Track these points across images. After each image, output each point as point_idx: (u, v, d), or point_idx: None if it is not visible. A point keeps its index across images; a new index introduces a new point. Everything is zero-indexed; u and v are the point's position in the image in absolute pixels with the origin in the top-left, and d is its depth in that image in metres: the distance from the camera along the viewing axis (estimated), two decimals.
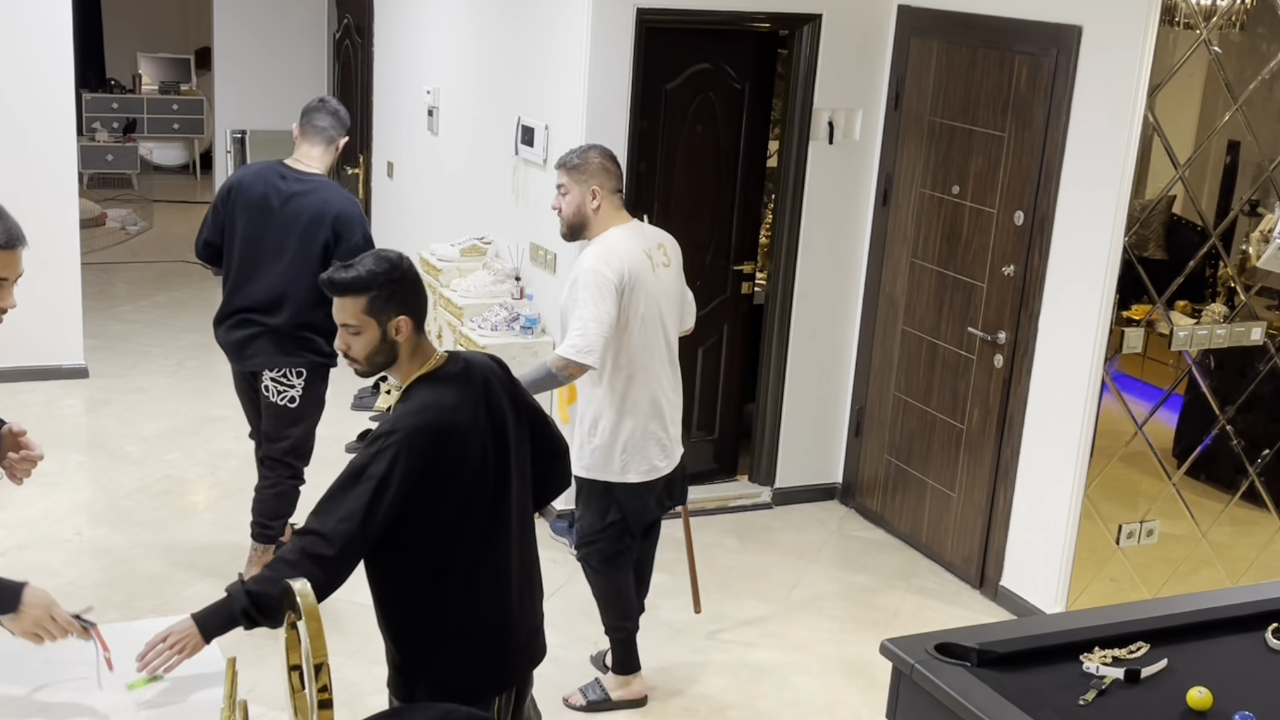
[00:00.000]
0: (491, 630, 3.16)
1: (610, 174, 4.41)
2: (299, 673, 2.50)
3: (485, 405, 3.11)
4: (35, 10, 7.02)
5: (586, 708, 4.71)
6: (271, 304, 4.98)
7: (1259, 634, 3.32)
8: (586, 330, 4.26)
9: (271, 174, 5.05)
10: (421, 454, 2.96)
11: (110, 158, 11.95)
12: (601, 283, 4.27)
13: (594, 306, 4.26)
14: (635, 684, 4.74)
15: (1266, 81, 5.05)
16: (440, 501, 3.02)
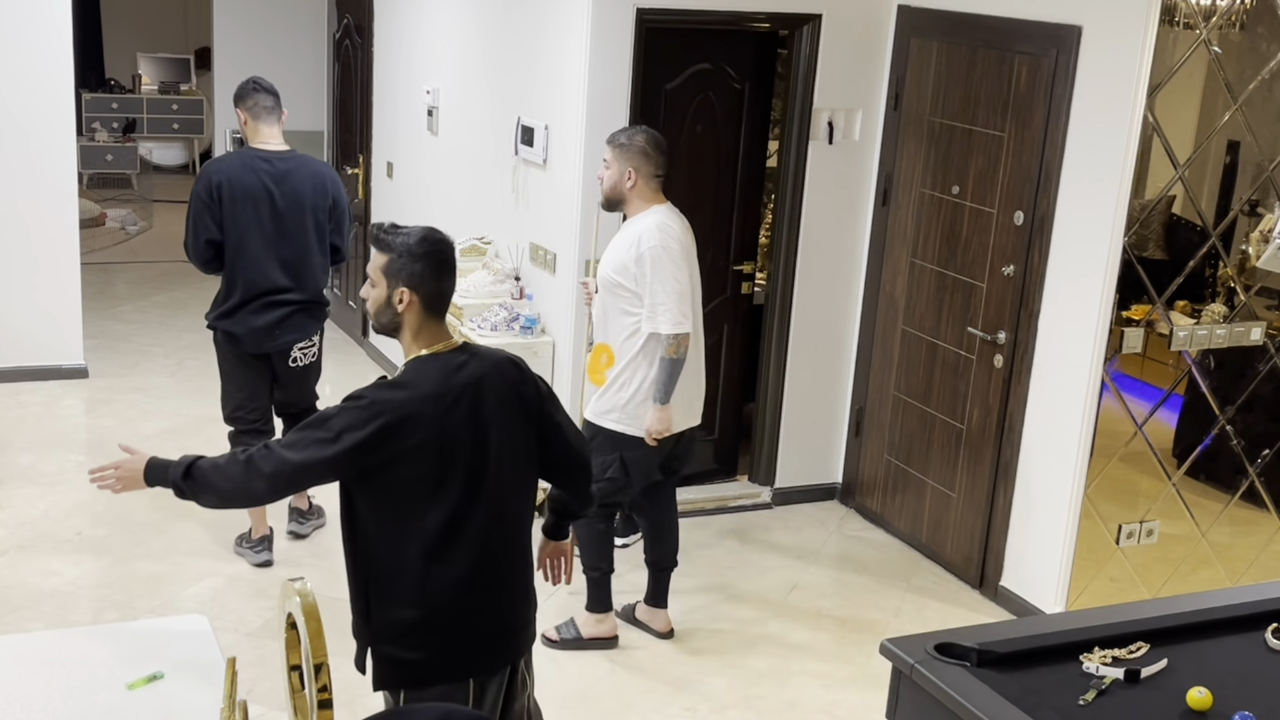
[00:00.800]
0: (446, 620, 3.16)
1: (650, 159, 4.74)
2: (299, 673, 2.50)
3: (470, 402, 3.12)
4: (35, 10, 7.02)
5: (560, 644, 5.00)
6: (295, 281, 5.27)
7: (1259, 634, 3.32)
8: (670, 303, 4.65)
9: (253, 161, 5.21)
10: (377, 428, 3.02)
11: (110, 158, 11.95)
12: (671, 257, 4.68)
13: (671, 280, 4.66)
14: (607, 623, 5.03)
15: (1266, 81, 5.05)
16: (393, 478, 3.06)
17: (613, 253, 4.78)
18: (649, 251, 4.65)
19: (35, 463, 6.34)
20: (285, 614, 2.51)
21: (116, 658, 3.05)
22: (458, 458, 3.11)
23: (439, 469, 3.09)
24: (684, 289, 4.69)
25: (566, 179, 5.80)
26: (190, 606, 5.05)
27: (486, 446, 3.15)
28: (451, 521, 3.12)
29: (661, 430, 4.74)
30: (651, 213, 4.75)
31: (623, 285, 4.72)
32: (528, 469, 3.30)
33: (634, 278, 4.68)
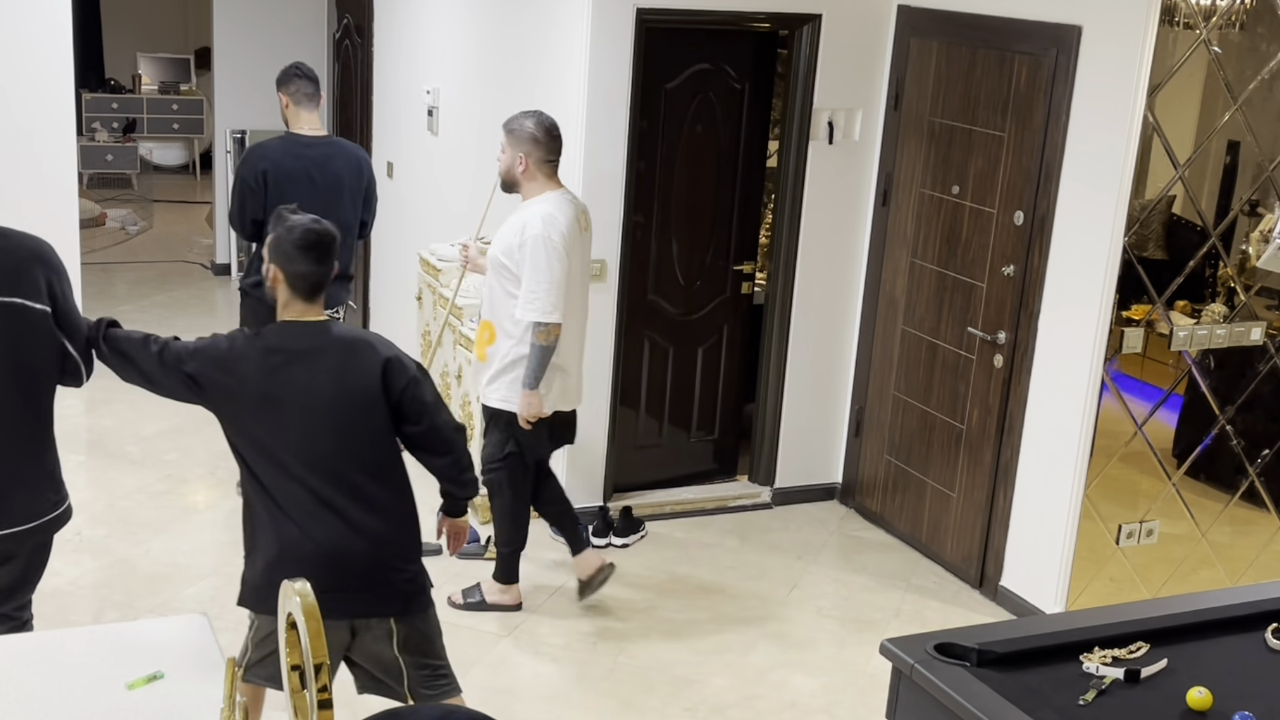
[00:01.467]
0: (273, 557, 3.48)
1: (540, 145, 4.87)
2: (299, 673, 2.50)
3: (305, 369, 3.46)
4: (35, 10, 7.01)
5: (464, 607, 5.23)
6: None
7: (1259, 634, 3.32)
8: (542, 292, 4.78)
9: (295, 147, 5.64)
10: (209, 360, 3.52)
11: (110, 158, 11.95)
12: (550, 247, 4.78)
13: (546, 270, 4.78)
14: (511, 593, 5.27)
15: (1266, 81, 5.05)
16: (221, 413, 3.52)
17: (502, 235, 4.92)
18: (530, 240, 4.78)
19: None
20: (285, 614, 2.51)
21: (116, 658, 3.04)
22: (283, 411, 3.45)
23: (268, 418, 3.45)
24: (559, 279, 4.79)
25: (566, 179, 5.78)
26: (190, 606, 5.05)
27: (314, 408, 3.45)
28: (280, 472, 3.47)
29: (532, 414, 4.92)
30: (541, 200, 4.88)
31: (507, 268, 4.87)
32: (363, 437, 3.51)
33: (516, 263, 4.84)
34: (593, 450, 6.03)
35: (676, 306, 6.22)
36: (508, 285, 4.89)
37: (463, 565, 5.58)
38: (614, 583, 5.54)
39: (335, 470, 3.48)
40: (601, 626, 5.22)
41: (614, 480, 6.15)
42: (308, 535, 3.46)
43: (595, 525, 5.87)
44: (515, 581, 5.29)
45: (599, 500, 6.08)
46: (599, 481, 6.08)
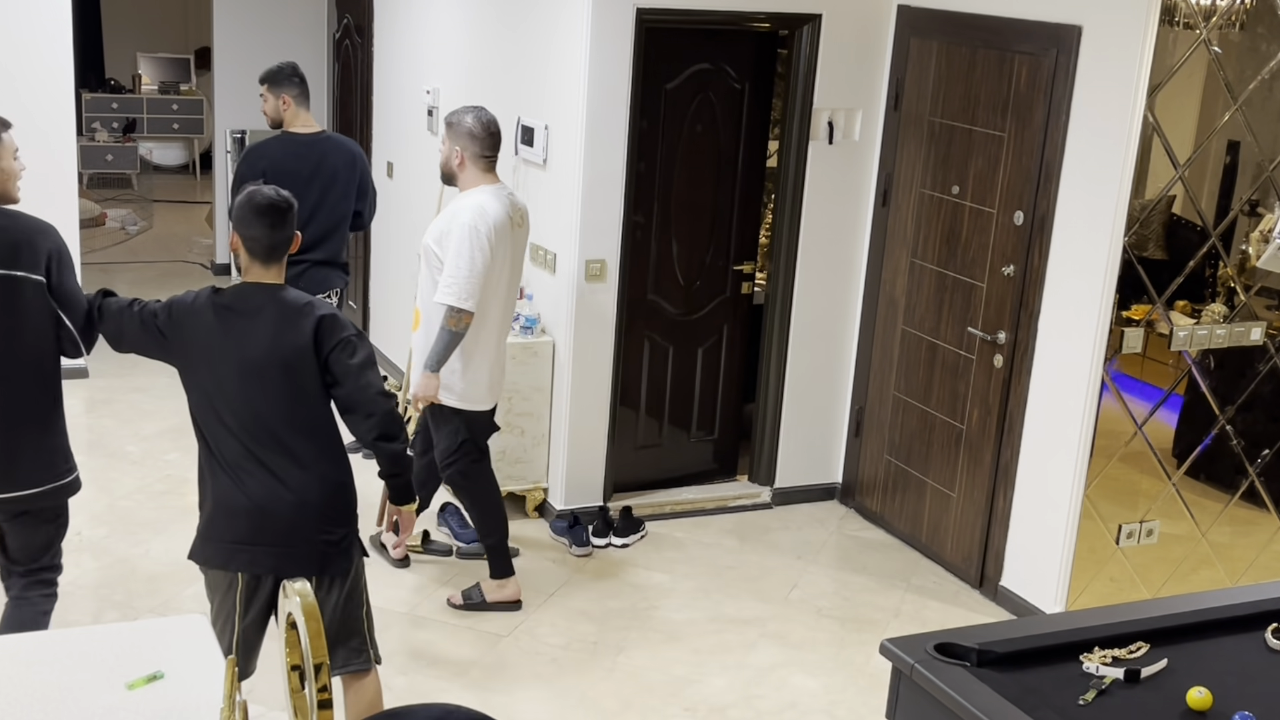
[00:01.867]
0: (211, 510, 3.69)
1: (477, 140, 5.00)
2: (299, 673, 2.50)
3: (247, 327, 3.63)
4: (35, 10, 7.02)
5: (464, 606, 5.25)
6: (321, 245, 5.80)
7: (1259, 634, 3.32)
8: (461, 279, 4.86)
9: (293, 146, 5.83)
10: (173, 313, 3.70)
11: (110, 158, 11.95)
12: (476, 237, 4.88)
13: (468, 259, 4.87)
14: (510, 587, 5.27)
15: (1266, 81, 5.05)
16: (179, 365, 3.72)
17: (435, 224, 5.08)
18: (459, 228, 4.89)
19: None
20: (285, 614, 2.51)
21: (116, 658, 3.04)
22: (220, 365, 3.63)
23: (203, 374, 3.65)
24: (479, 270, 4.87)
25: (566, 179, 5.80)
26: (190, 606, 5.04)
27: (250, 365, 3.61)
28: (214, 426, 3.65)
29: (426, 397, 5.00)
30: (476, 192, 5.01)
31: (436, 255, 4.98)
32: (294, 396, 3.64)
33: (444, 249, 4.95)
34: (593, 450, 6.03)
35: (676, 306, 6.22)
36: (436, 274, 4.98)
37: (463, 565, 5.58)
38: (614, 582, 5.55)
39: (268, 427, 3.62)
40: (601, 626, 5.22)
41: (614, 480, 6.15)
42: (240, 488, 3.63)
43: (595, 525, 5.87)
44: (511, 574, 5.28)
45: (599, 500, 6.08)
46: (599, 481, 6.08)
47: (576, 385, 5.92)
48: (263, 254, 3.68)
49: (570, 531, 5.83)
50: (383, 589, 5.37)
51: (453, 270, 4.87)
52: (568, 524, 5.86)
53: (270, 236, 3.67)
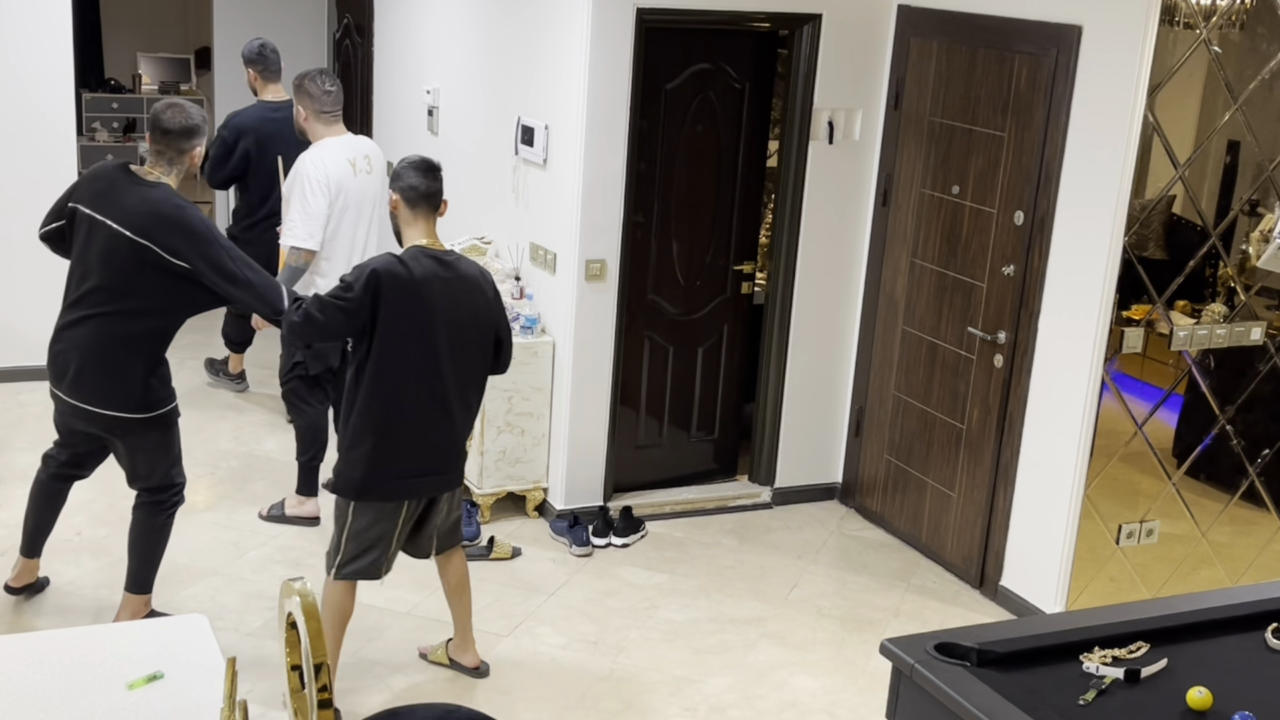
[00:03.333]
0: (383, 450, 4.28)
1: (312, 98, 5.63)
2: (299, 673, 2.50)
3: (451, 291, 4.26)
4: (35, 10, 7.02)
5: (267, 518, 5.86)
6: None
7: (1259, 634, 3.32)
8: (297, 220, 5.51)
9: (266, 112, 6.64)
10: (381, 284, 4.18)
11: (110, 158, 11.92)
12: (310, 183, 5.50)
13: (300, 202, 5.50)
14: (309, 504, 5.87)
15: (1266, 81, 5.05)
16: (380, 327, 4.19)
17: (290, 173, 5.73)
18: (296, 175, 5.54)
19: (35, 463, 6.31)
20: (285, 614, 2.51)
21: (116, 658, 3.04)
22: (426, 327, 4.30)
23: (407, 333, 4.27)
24: (315, 211, 5.49)
25: (566, 179, 5.80)
26: (190, 606, 5.05)
27: (454, 325, 4.33)
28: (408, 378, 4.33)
29: (260, 324, 5.87)
30: (321, 144, 5.62)
31: (286, 200, 5.65)
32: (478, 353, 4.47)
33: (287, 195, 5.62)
34: (593, 450, 6.04)
35: (676, 306, 6.22)
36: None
37: None
38: (614, 582, 5.55)
39: (458, 383, 4.31)
40: (601, 626, 5.22)
41: (614, 480, 6.15)
42: (425, 429, 4.28)
43: (595, 525, 5.87)
44: (315, 494, 5.87)
45: (599, 500, 6.08)
46: (599, 481, 6.08)
47: (576, 385, 5.92)
48: (420, 200, 4.29)
49: (570, 531, 5.83)
50: (383, 589, 5.37)
51: (293, 214, 5.53)
52: (568, 524, 5.86)
53: (426, 185, 4.30)
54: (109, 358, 4.53)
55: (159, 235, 4.41)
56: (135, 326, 4.52)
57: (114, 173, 4.60)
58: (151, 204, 4.45)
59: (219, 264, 4.46)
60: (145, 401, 4.60)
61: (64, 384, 4.61)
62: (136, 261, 4.43)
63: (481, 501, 5.95)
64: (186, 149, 4.58)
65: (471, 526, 5.72)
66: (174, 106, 4.57)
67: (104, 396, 4.56)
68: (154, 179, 4.54)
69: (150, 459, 4.73)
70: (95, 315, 4.52)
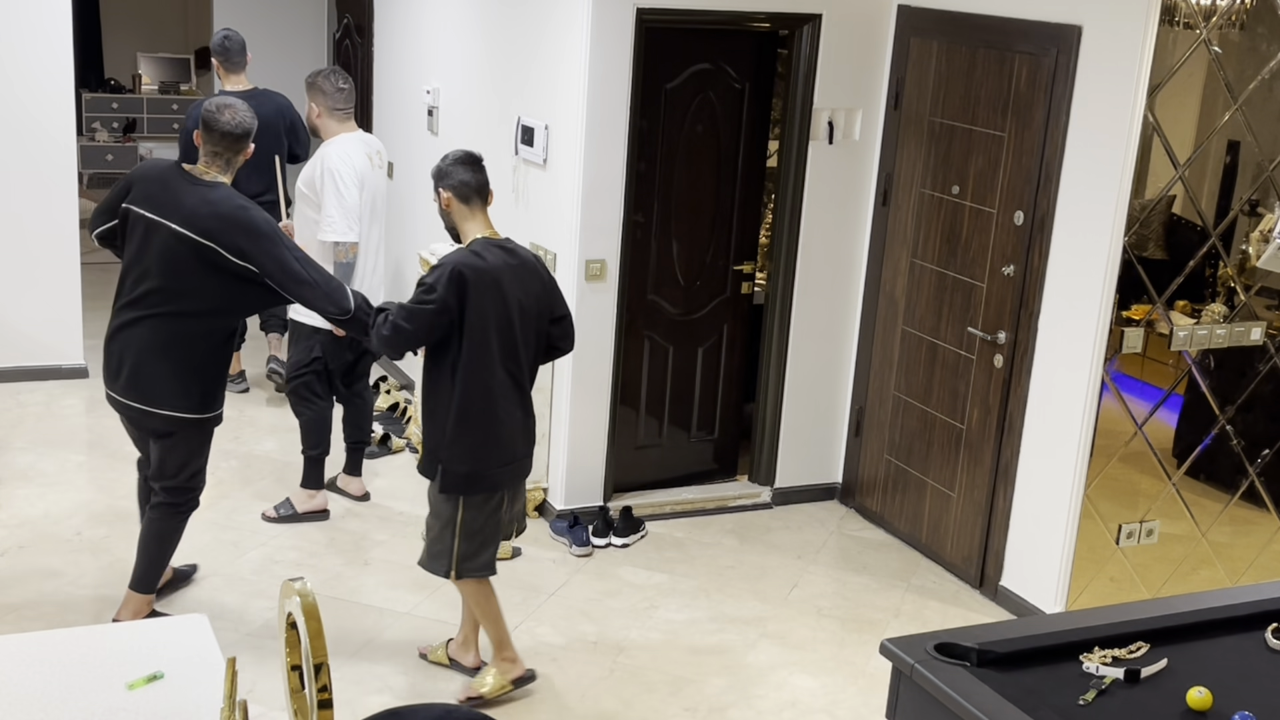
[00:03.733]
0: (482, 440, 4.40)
1: (326, 95, 5.78)
2: (299, 673, 2.50)
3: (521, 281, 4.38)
4: (35, 10, 7.02)
5: (278, 519, 5.86)
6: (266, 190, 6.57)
7: (1259, 634, 3.32)
8: (336, 217, 5.65)
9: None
10: (465, 281, 4.27)
11: (110, 158, 11.95)
12: (341, 179, 5.66)
13: (339, 197, 5.65)
14: (318, 498, 5.93)
15: (1266, 81, 5.05)
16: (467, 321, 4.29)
17: (305, 169, 5.85)
18: (325, 172, 5.66)
19: (35, 463, 6.34)
20: (285, 614, 2.51)
21: (116, 658, 3.04)
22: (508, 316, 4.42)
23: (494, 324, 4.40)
24: (350, 205, 5.66)
25: (566, 179, 5.80)
26: (190, 607, 5.05)
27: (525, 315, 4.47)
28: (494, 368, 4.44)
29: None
30: (338, 140, 5.78)
31: (308, 197, 5.75)
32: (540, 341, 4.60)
33: (316, 191, 5.70)
34: (593, 450, 6.04)
35: (676, 306, 6.22)
36: (309, 211, 5.75)
37: None
38: (614, 583, 5.55)
39: (530, 367, 4.47)
40: (601, 626, 5.22)
41: (614, 480, 6.15)
42: (508, 419, 4.40)
43: (595, 525, 5.87)
44: (322, 487, 5.95)
45: (599, 500, 6.08)
46: (599, 481, 6.08)
47: (576, 385, 5.92)
48: (475, 192, 4.40)
49: (570, 531, 5.83)
50: (383, 589, 5.38)
51: (329, 210, 5.64)
52: (568, 524, 5.86)
53: (476, 178, 4.40)
54: (166, 358, 4.57)
55: (223, 236, 4.44)
56: (193, 327, 4.56)
57: (167, 173, 4.62)
58: (213, 205, 4.48)
59: (284, 264, 4.49)
60: (198, 402, 4.66)
61: (118, 384, 4.64)
62: (198, 263, 4.47)
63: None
64: (242, 149, 4.64)
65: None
66: (229, 108, 4.60)
67: (159, 396, 4.60)
68: (211, 179, 4.58)
69: (183, 459, 4.77)
70: (153, 315, 4.55)
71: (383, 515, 5.99)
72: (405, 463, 6.63)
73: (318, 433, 5.91)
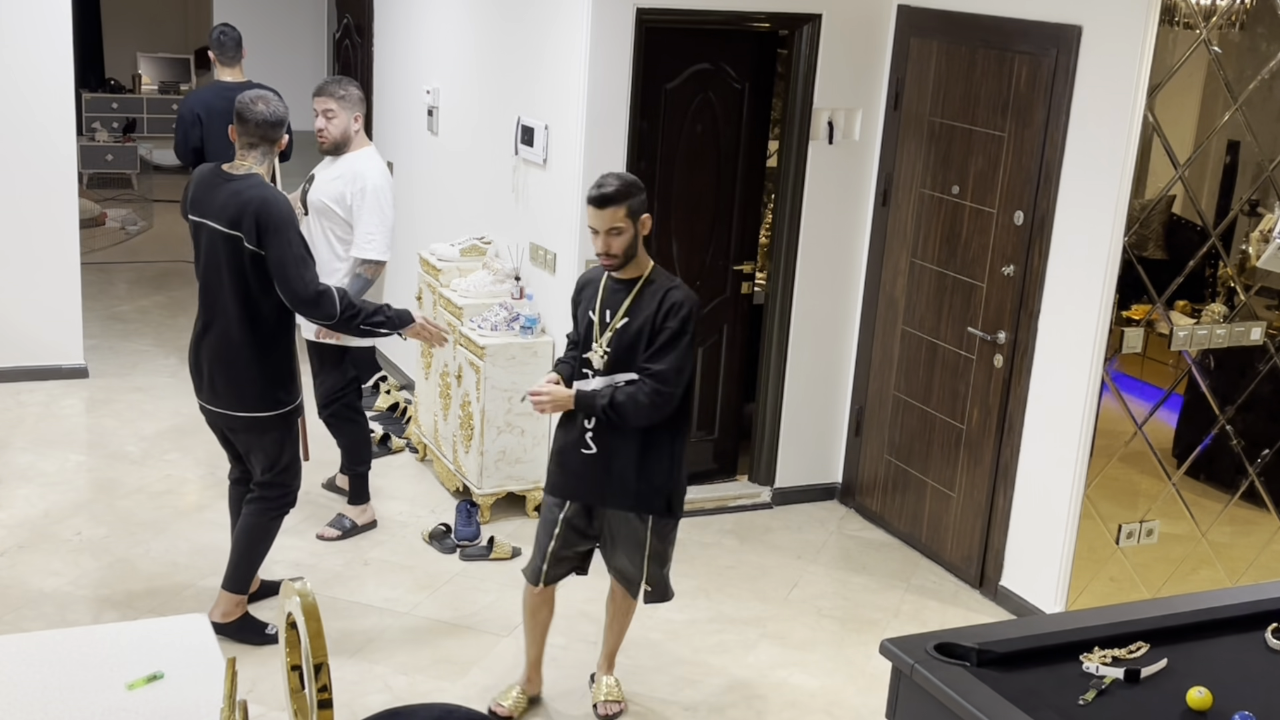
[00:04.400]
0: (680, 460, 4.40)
1: (363, 105, 5.60)
2: (299, 673, 2.50)
3: None
4: (35, 10, 7.02)
5: (342, 536, 5.75)
6: None
7: (1259, 634, 3.32)
8: (385, 235, 5.50)
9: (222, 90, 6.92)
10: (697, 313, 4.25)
11: (110, 158, 11.95)
12: (387, 196, 5.51)
13: (384, 214, 5.49)
14: (370, 512, 5.88)
15: (1266, 81, 5.05)
16: None
17: (330, 185, 5.53)
18: (370, 190, 5.44)
19: (35, 463, 6.34)
20: (285, 614, 2.51)
21: (116, 658, 3.05)
22: None
23: None
24: (390, 223, 5.52)
25: (566, 179, 5.80)
26: (190, 607, 5.05)
27: None
28: None
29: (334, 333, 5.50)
30: (371, 155, 5.59)
31: (336, 214, 5.48)
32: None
33: (348, 209, 5.46)
34: None
35: None
36: (334, 229, 5.52)
37: (463, 566, 5.59)
38: None
39: None
40: (602, 627, 5.22)
41: None
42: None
43: None
44: (369, 500, 5.88)
45: None
46: None
47: None
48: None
49: None
50: (382, 589, 5.38)
51: (371, 227, 5.44)
52: None
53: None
54: (231, 360, 4.64)
55: (245, 221, 4.51)
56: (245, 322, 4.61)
57: (209, 175, 4.71)
58: (237, 193, 4.56)
59: (282, 254, 4.52)
60: (270, 400, 4.71)
61: (203, 393, 4.79)
62: (233, 255, 4.54)
63: (481, 501, 5.95)
64: (276, 139, 4.68)
65: (471, 527, 5.73)
66: (262, 99, 4.67)
67: (232, 399, 4.70)
68: (244, 171, 4.64)
69: (271, 457, 4.82)
70: (215, 318, 4.65)
71: (383, 515, 5.99)
72: (405, 463, 6.64)
73: (363, 449, 5.84)
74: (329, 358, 5.70)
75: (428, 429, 6.51)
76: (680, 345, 4.15)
